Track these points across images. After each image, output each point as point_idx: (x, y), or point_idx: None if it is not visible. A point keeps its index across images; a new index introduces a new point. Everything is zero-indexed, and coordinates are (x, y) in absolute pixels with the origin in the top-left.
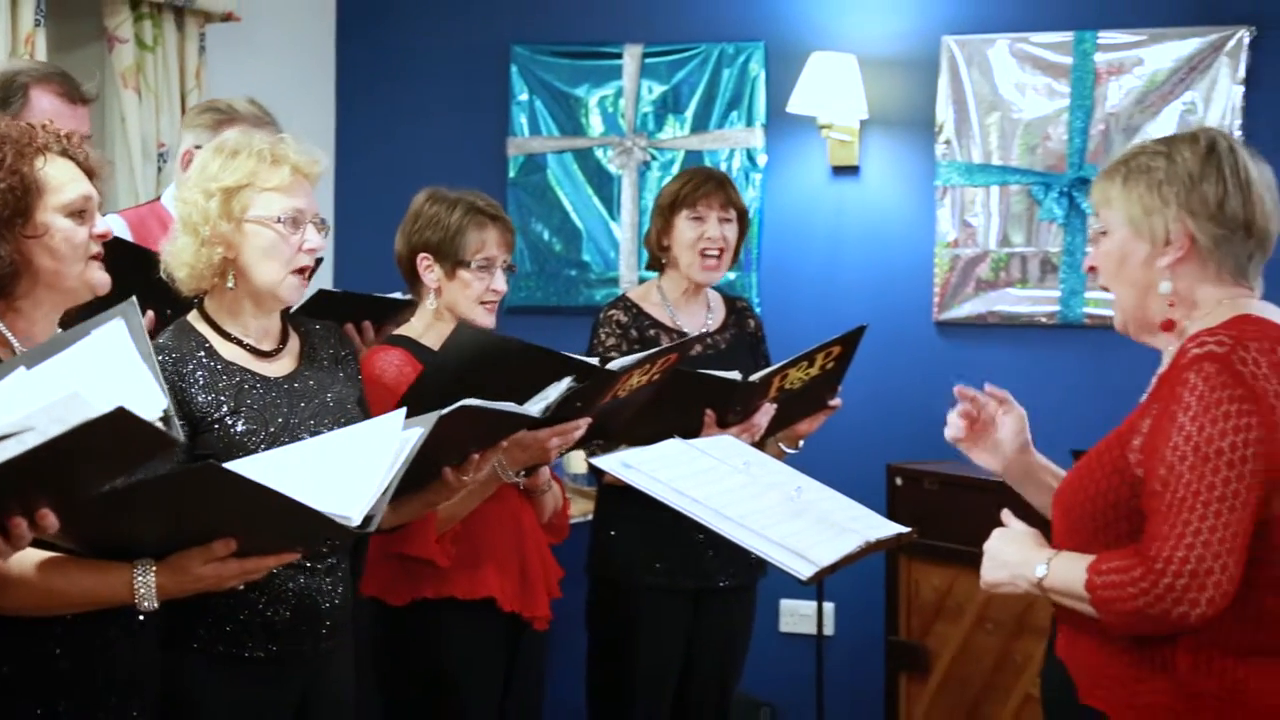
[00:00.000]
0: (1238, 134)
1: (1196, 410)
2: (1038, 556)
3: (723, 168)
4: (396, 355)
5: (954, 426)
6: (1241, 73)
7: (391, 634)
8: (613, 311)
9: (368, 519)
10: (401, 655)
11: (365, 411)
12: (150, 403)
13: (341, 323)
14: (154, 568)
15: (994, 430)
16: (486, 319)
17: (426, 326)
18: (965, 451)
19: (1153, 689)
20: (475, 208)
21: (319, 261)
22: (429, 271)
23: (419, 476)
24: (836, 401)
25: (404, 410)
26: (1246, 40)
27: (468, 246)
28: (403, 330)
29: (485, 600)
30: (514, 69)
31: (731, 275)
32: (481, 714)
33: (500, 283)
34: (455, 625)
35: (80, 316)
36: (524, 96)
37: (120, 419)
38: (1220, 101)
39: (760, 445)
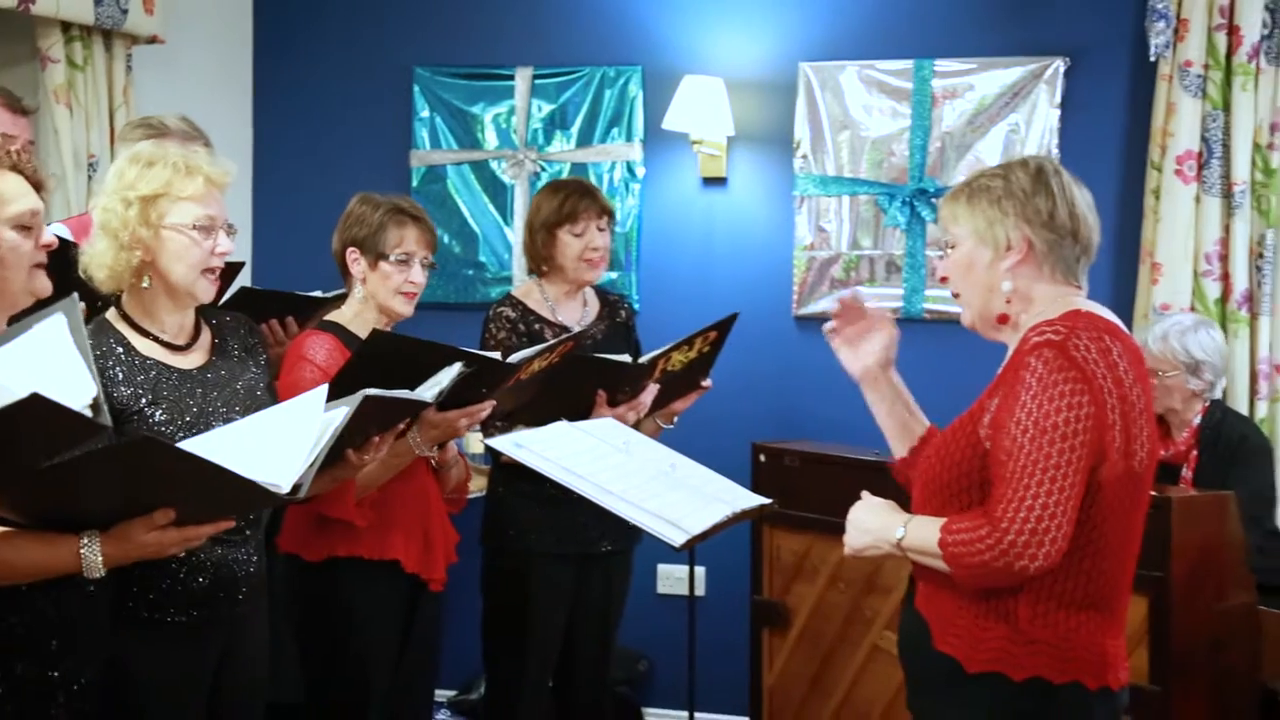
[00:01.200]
0: (1055, 152)
1: (1036, 390)
2: (896, 521)
3: (605, 179)
4: (326, 339)
5: (832, 317)
6: (1058, 98)
7: (305, 587)
8: (502, 308)
9: (296, 487)
10: (313, 606)
11: (274, 397)
12: (82, 390)
13: (266, 318)
14: (99, 538)
15: (866, 339)
16: (404, 308)
17: (355, 314)
18: (836, 348)
19: (996, 636)
20: (398, 208)
21: (237, 267)
22: (355, 264)
23: (327, 456)
24: (708, 382)
25: (325, 389)
26: (1062, 69)
27: (388, 241)
28: (333, 316)
29: (390, 561)
30: (416, 88)
31: (614, 275)
32: (381, 662)
33: (418, 275)
34: (362, 581)
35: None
36: (425, 113)
37: (36, 405)
38: (1040, 123)
39: (638, 421)
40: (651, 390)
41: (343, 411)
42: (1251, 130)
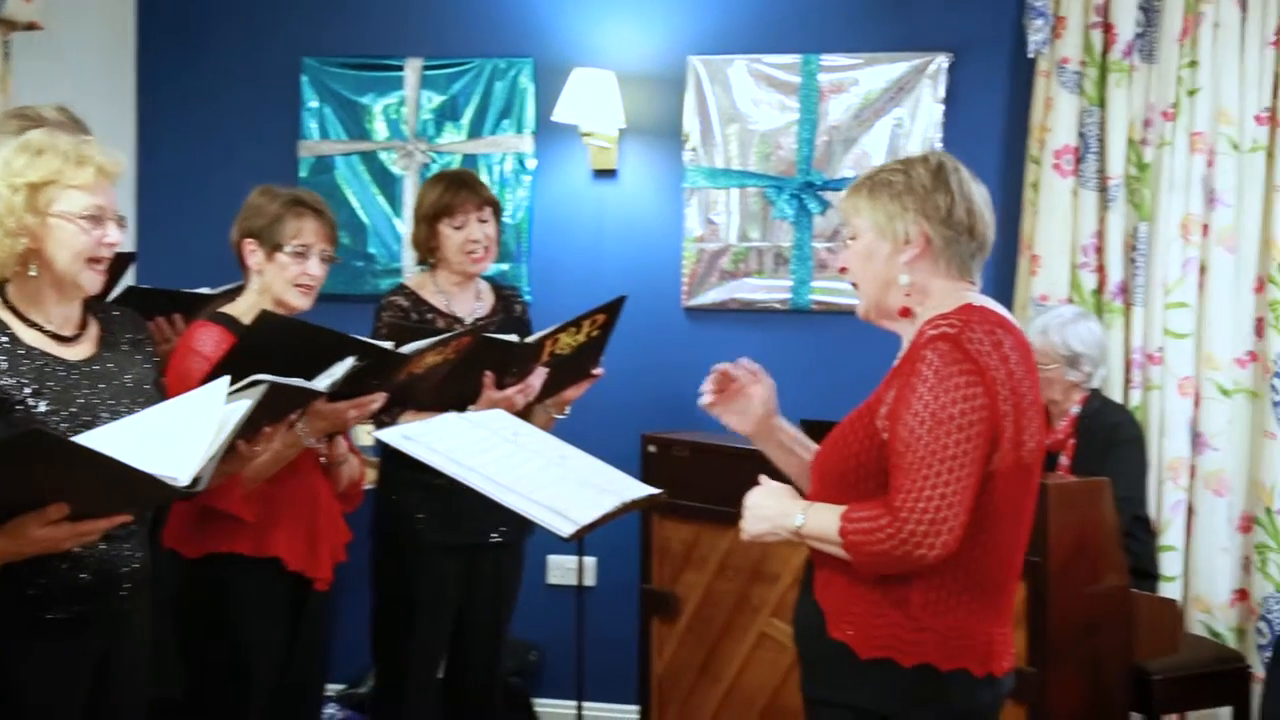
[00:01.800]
0: (938, 146)
1: (933, 383)
2: (794, 508)
3: (496, 170)
4: (214, 331)
5: (706, 394)
6: (941, 93)
7: (184, 585)
8: (394, 298)
9: (195, 480)
10: (192, 604)
11: (162, 393)
12: None
13: (152, 316)
14: None
15: (744, 398)
16: (300, 301)
17: (249, 307)
18: (716, 416)
19: (889, 623)
20: (297, 199)
21: (128, 260)
22: (252, 255)
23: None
24: (599, 370)
25: (227, 379)
26: (945, 65)
27: (284, 232)
28: (228, 309)
29: (271, 559)
30: (304, 79)
31: (505, 266)
32: (262, 661)
33: (315, 268)
34: (242, 580)
35: None
36: (314, 104)
37: None
38: (924, 117)
39: (530, 410)
40: (540, 373)
41: (245, 404)
42: (1126, 126)
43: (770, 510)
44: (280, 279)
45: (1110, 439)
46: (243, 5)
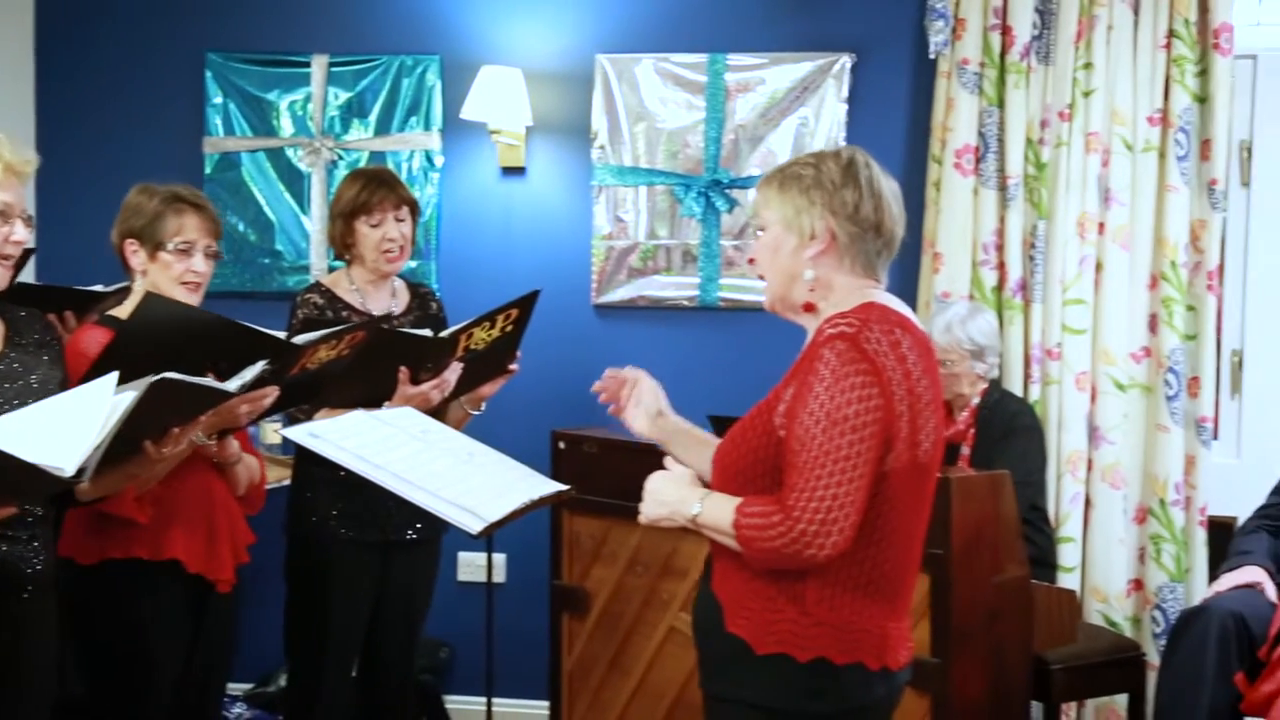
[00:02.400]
0: (843, 144)
1: (829, 382)
2: (693, 496)
3: (404, 168)
4: (100, 333)
5: (600, 385)
6: (845, 92)
7: (80, 593)
8: (309, 295)
9: (81, 471)
10: (90, 613)
11: None
12: None
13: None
14: None
15: (636, 398)
16: (188, 298)
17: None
18: (619, 417)
19: (785, 618)
20: (176, 196)
21: (29, 253)
22: (134, 255)
23: (121, 449)
24: (515, 365)
25: (115, 375)
26: (849, 65)
27: (166, 230)
28: (113, 312)
29: (170, 562)
30: (209, 74)
31: (414, 264)
32: (164, 666)
33: (200, 265)
34: (140, 585)
35: None
36: (218, 100)
37: None
38: (828, 116)
39: (446, 407)
40: (455, 368)
41: (130, 395)
42: (1024, 126)
43: (669, 496)
44: (165, 277)
45: (1009, 427)
46: (146, 1)
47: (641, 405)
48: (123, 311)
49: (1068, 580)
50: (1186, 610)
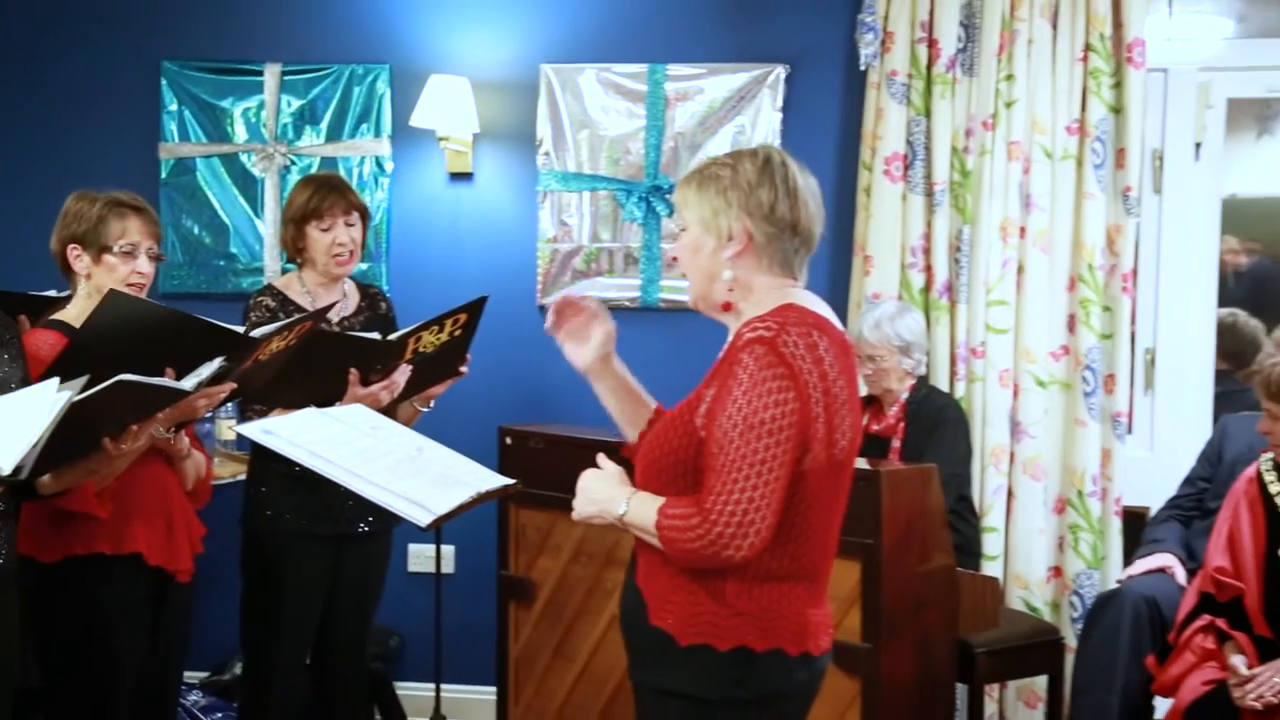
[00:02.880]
0: None
1: (747, 386)
2: (621, 495)
3: (354, 173)
4: (50, 335)
5: (550, 317)
6: (780, 102)
7: (43, 590)
8: (261, 297)
9: (18, 469)
10: (53, 609)
11: None
12: None
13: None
14: None
15: (586, 333)
16: None
17: (81, 312)
18: (561, 342)
19: (705, 611)
20: (117, 200)
21: None
22: (78, 260)
23: (81, 445)
24: (465, 368)
25: (57, 379)
26: (783, 76)
27: (110, 234)
28: (59, 315)
29: (132, 555)
30: (164, 82)
31: (365, 266)
32: (129, 659)
33: (144, 266)
34: (104, 579)
35: None
36: (174, 107)
37: None
38: (764, 125)
39: (396, 406)
40: (404, 370)
41: (68, 395)
42: (950, 135)
43: (599, 495)
44: (111, 280)
45: (936, 421)
46: (102, 11)
47: (592, 341)
48: (67, 315)
49: (991, 568)
50: (1102, 595)
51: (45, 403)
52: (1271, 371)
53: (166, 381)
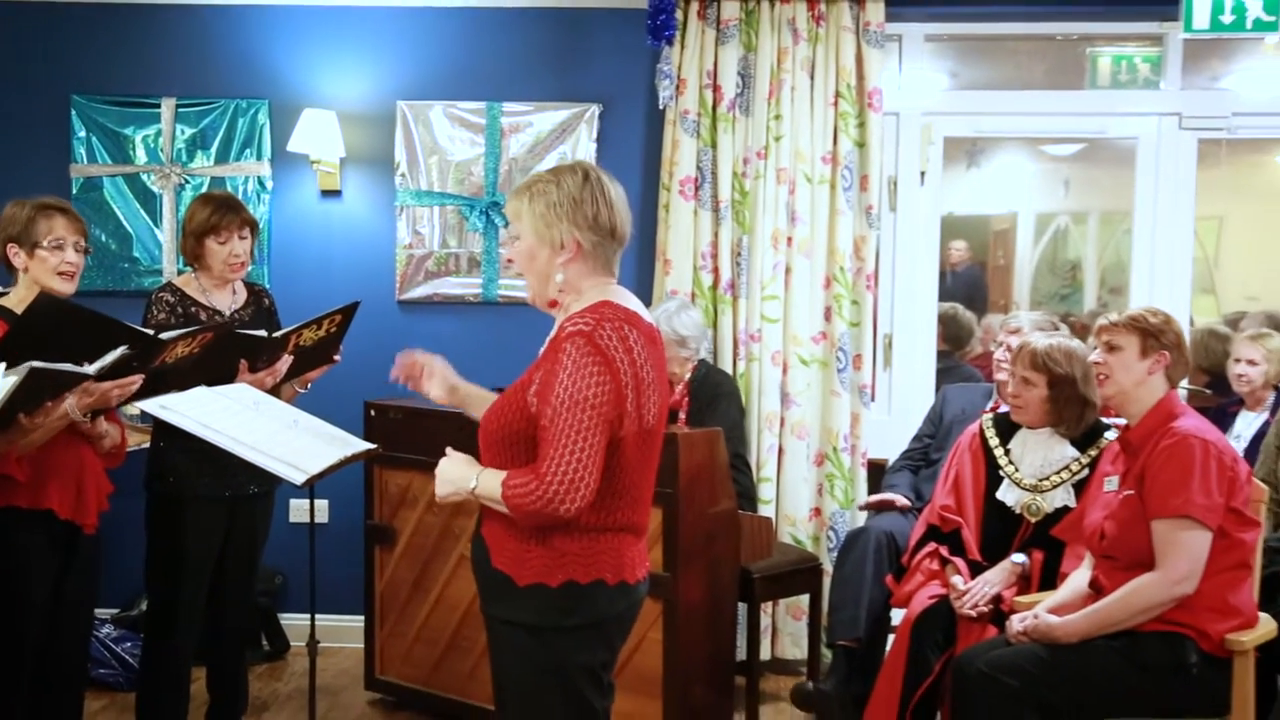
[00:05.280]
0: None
1: (570, 371)
2: (470, 473)
3: (240, 191)
4: None
5: (397, 374)
6: (595, 134)
7: None
8: (163, 294)
9: None
10: None
11: None
12: None
13: None
14: None
15: (430, 374)
16: (64, 286)
17: (20, 299)
18: (413, 389)
19: (537, 556)
20: (44, 204)
21: None
22: (16, 257)
23: (3, 420)
24: (338, 357)
25: (3, 364)
26: (598, 113)
27: (39, 231)
28: (3, 303)
29: (45, 511)
30: (74, 113)
31: (250, 268)
32: (37, 599)
33: (72, 256)
34: (18, 530)
35: None
36: (83, 134)
37: None
38: (582, 152)
39: (278, 388)
40: (286, 360)
41: (9, 382)
42: (732, 162)
43: (453, 476)
44: (44, 270)
45: (714, 394)
46: (17, 49)
47: (436, 378)
48: (8, 302)
49: (766, 510)
50: (852, 531)
51: None
52: (1025, 348)
53: (70, 366)
